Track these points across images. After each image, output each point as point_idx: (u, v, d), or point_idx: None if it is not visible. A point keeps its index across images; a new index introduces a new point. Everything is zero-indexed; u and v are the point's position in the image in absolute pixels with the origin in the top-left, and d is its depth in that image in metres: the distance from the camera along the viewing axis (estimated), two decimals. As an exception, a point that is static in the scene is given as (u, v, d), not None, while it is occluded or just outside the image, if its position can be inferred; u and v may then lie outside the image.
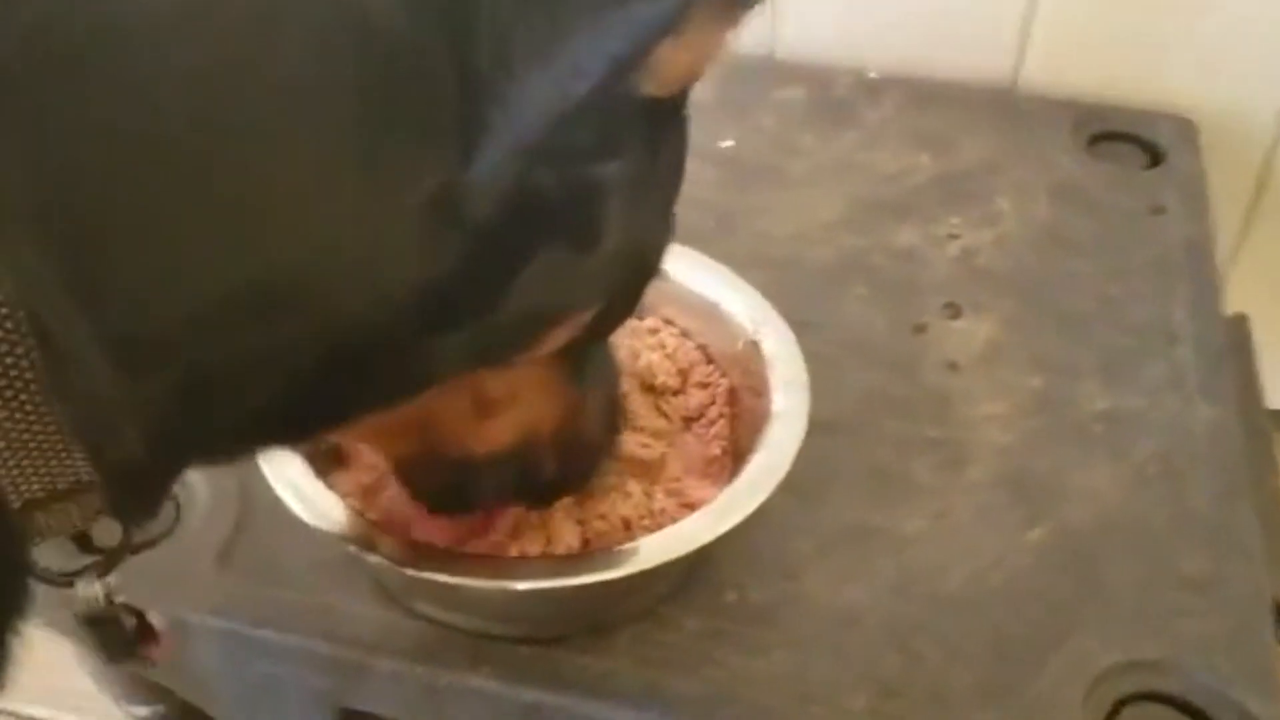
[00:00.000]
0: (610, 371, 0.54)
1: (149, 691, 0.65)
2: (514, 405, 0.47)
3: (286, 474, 0.53)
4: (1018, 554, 0.58)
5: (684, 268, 0.62)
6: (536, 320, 0.41)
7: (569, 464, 0.53)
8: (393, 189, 0.34)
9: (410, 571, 0.50)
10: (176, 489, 0.60)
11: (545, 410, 0.49)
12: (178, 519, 0.60)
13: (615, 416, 0.56)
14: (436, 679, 0.54)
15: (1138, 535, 0.59)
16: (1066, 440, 0.64)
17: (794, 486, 0.60)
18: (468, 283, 0.37)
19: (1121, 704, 0.52)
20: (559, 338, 0.43)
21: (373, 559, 0.50)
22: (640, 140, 0.39)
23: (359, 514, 0.52)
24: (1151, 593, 0.56)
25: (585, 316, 0.44)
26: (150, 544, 0.59)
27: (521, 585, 0.50)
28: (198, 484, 0.61)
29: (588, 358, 0.49)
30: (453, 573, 0.50)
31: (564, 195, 0.36)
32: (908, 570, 0.58)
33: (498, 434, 0.48)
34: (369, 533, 0.51)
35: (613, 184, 0.38)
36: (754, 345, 0.60)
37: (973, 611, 0.56)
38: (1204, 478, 0.61)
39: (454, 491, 0.51)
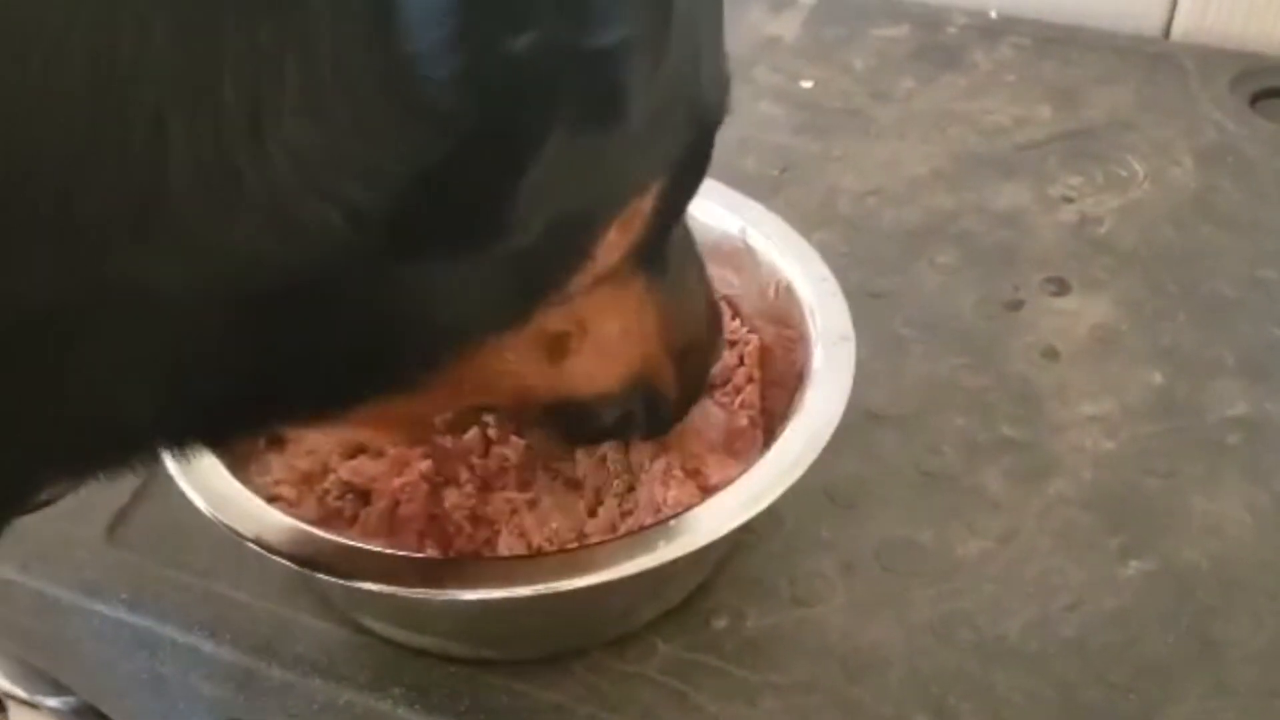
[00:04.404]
0: (690, 251, 0.43)
1: (58, 684, 0.55)
2: (592, 334, 0.37)
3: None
4: (1106, 594, 0.44)
5: (706, 202, 0.50)
6: (577, 226, 0.32)
7: (684, 378, 0.44)
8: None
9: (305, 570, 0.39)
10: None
11: (645, 330, 0.40)
12: (83, 477, 0.50)
13: (714, 308, 0.46)
14: (335, 696, 0.43)
15: (1276, 583, 0.44)
16: (1190, 453, 0.49)
17: (826, 488, 0.48)
18: (460, 195, 0.27)
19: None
20: (620, 241, 0.34)
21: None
22: None
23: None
24: (1288, 662, 0.42)
25: (644, 203, 0.34)
26: (46, 503, 0.50)
27: (441, 594, 0.38)
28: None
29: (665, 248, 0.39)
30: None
31: (558, 62, 0.26)
32: (956, 605, 0.44)
33: (602, 374, 0.39)
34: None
35: (617, 33, 0.27)
36: (788, 290, 0.47)
37: (1037, 667, 0.42)
38: (1374, 514, 0.46)
39: (576, 432, 0.44)
